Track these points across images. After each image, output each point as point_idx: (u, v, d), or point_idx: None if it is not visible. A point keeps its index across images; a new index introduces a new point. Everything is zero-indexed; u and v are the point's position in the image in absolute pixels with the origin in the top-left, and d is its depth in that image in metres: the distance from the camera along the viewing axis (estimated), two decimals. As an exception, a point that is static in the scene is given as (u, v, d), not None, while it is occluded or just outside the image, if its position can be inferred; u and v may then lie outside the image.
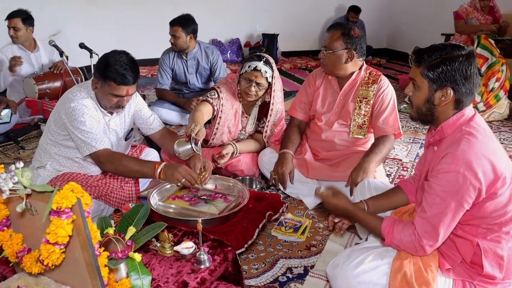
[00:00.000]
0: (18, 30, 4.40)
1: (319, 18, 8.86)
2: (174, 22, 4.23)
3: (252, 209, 2.33)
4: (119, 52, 2.43)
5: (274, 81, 2.95)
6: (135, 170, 2.45)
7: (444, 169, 1.65)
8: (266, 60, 2.91)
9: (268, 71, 2.88)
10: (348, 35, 2.65)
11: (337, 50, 2.67)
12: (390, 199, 2.17)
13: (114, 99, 2.42)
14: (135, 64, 2.42)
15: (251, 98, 2.95)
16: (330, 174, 2.79)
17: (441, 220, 1.66)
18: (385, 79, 2.83)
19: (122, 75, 2.34)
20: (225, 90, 3.02)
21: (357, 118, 2.82)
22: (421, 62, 1.74)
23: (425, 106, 1.78)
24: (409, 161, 3.60)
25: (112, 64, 2.35)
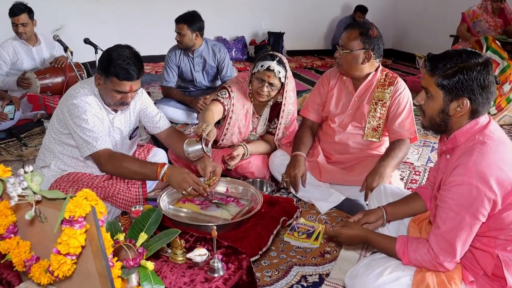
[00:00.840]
0: (26, 25, 4.33)
1: (325, 17, 8.79)
2: (180, 19, 4.14)
3: (265, 214, 2.25)
4: (122, 47, 2.33)
5: (287, 81, 2.86)
6: (137, 172, 2.35)
7: (457, 182, 1.57)
8: (280, 59, 2.82)
9: (281, 71, 2.79)
10: (366, 35, 2.57)
11: (354, 50, 2.59)
12: (408, 206, 2.09)
13: (117, 95, 2.33)
14: (138, 59, 2.32)
15: (263, 98, 2.87)
16: (344, 178, 2.71)
17: (457, 235, 1.59)
18: (401, 82, 2.75)
19: (125, 70, 2.25)
20: (236, 90, 2.93)
21: (372, 120, 2.74)
22: (435, 71, 1.65)
23: (439, 117, 1.69)
24: (421, 165, 3.52)
25: (115, 59, 2.26)
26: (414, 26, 8.54)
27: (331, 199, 2.71)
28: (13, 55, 4.40)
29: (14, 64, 4.43)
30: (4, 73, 4.40)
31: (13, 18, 4.29)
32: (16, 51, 4.42)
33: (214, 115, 2.76)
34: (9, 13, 4.28)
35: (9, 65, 4.42)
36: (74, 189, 2.35)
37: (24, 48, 4.46)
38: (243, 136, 3.04)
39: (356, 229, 1.94)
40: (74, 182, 2.42)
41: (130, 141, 2.70)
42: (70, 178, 2.47)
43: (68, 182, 2.42)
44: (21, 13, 4.27)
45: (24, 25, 4.31)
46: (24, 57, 4.46)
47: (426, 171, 3.38)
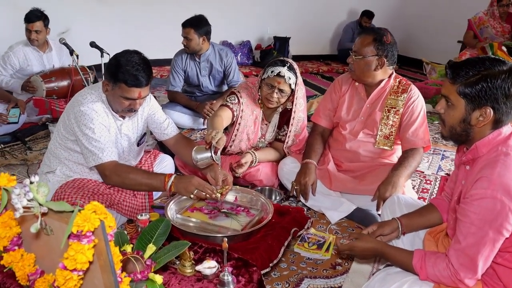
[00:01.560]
0: (39, 33, 4.29)
1: (331, 22, 8.74)
2: (186, 23, 4.08)
3: (276, 225, 2.18)
4: (130, 52, 2.28)
5: (297, 88, 2.80)
6: (144, 183, 2.31)
7: (479, 195, 1.50)
8: (290, 65, 2.75)
9: (292, 77, 2.73)
10: (380, 41, 2.51)
11: (367, 56, 2.53)
12: (424, 218, 2.02)
13: (125, 102, 2.28)
14: (147, 65, 2.27)
15: (273, 105, 2.80)
16: (355, 187, 2.64)
17: (479, 251, 1.52)
18: (415, 89, 2.69)
19: (133, 77, 2.20)
20: (246, 95, 2.87)
21: (384, 128, 2.67)
22: (456, 78, 1.58)
23: (460, 126, 1.63)
24: (432, 174, 3.44)
25: (123, 64, 2.20)
26: (421, 31, 8.48)
27: (341, 208, 2.64)
28: (23, 61, 4.35)
29: (23, 69, 4.38)
30: (8, 75, 4.35)
31: (27, 24, 4.25)
32: (27, 57, 4.37)
33: (223, 121, 2.70)
34: (25, 19, 4.24)
35: (17, 70, 4.37)
36: (79, 195, 2.29)
37: (35, 54, 4.42)
38: (252, 143, 2.98)
39: (370, 242, 1.87)
40: (79, 189, 2.37)
41: (137, 148, 2.65)
42: (76, 185, 2.41)
43: (73, 188, 2.37)
44: (36, 20, 4.23)
45: (38, 32, 4.27)
46: (34, 64, 4.41)
47: (437, 180, 3.31)
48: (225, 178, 2.37)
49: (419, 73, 7.75)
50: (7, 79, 4.33)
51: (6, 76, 4.34)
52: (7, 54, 4.34)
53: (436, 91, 5.71)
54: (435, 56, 7.52)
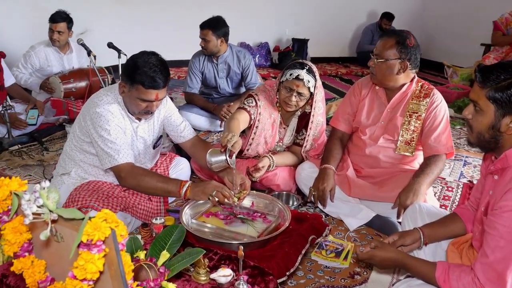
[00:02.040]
0: (62, 34, 4.35)
1: (350, 24, 8.65)
2: (204, 25, 4.04)
3: (293, 232, 2.12)
4: (148, 53, 2.25)
5: (316, 91, 2.74)
6: (159, 188, 2.28)
7: (510, 207, 1.43)
8: (309, 68, 2.69)
9: (311, 80, 2.66)
10: (403, 44, 2.43)
11: (390, 60, 2.45)
12: (447, 228, 1.95)
13: (142, 104, 2.25)
14: (165, 67, 2.23)
15: (291, 108, 2.75)
16: (375, 194, 2.56)
17: (508, 266, 1.44)
18: (438, 94, 2.61)
19: (151, 78, 2.16)
20: (263, 98, 2.82)
21: (405, 133, 2.60)
22: (486, 83, 1.51)
23: (488, 133, 1.55)
24: (454, 181, 3.35)
25: (141, 66, 2.17)
26: (442, 34, 8.33)
27: (360, 215, 2.57)
28: (44, 61, 4.42)
29: (43, 69, 4.44)
30: (27, 74, 4.41)
31: (51, 24, 4.31)
32: (48, 57, 4.44)
33: (240, 124, 2.65)
34: (50, 19, 4.30)
35: (37, 69, 4.43)
36: (94, 198, 2.27)
37: (56, 55, 4.48)
38: (269, 147, 2.92)
39: (391, 252, 1.80)
40: (94, 191, 2.34)
41: (153, 151, 2.62)
42: (90, 187, 2.39)
43: (88, 191, 2.34)
44: (60, 21, 4.30)
45: (60, 33, 4.33)
46: (54, 64, 4.47)
47: (459, 187, 3.22)
48: (242, 182, 2.32)
49: (440, 77, 7.61)
50: (26, 77, 4.39)
51: (25, 74, 4.41)
52: (28, 54, 4.41)
53: (457, 95, 5.60)
54: (456, 59, 7.38)
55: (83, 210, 2.24)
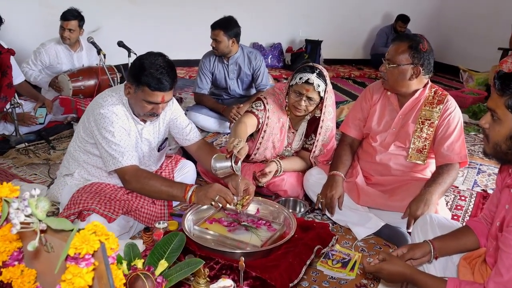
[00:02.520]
0: (73, 32, 4.34)
1: (364, 25, 8.53)
2: (216, 25, 3.99)
3: (298, 241, 2.05)
4: (155, 54, 2.20)
5: (326, 95, 2.67)
6: (164, 192, 2.23)
7: None
8: (320, 72, 2.61)
9: (321, 84, 2.59)
10: (416, 48, 2.35)
11: (402, 65, 2.37)
12: (459, 241, 1.87)
13: (148, 106, 2.20)
14: (172, 68, 2.18)
15: (300, 113, 2.68)
16: (384, 203, 2.48)
17: None
18: (452, 100, 2.52)
19: (157, 80, 2.11)
20: (272, 102, 2.76)
21: (417, 141, 2.51)
22: (506, 90, 1.43)
23: (505, 144, 1.48)
24: (467, 189, 3.25)
25: (147, 67, 2.12)
26: (458, 36, 8.19)
27: (369, 224, 2.49)
28: (54, 59, 4.41)
29: (52, 67, 4.43)
30: (37, 70, 4.40)
31: (62, 22, 4.30)
32: (58, 55, 4.43)
33: (248, 128, 2.59)
34: (61, 16, 4.29)
35: (46, 66, 4.42)
36: (96, 201, 2.23)
37: (66, 53, 4.47)
38: (277, 151, 2.86)
39: (399, 265, 1.73)
40: (96, 194, 2.30)
41: (158, 153, 2.57)
42: (93, 189, 2.35)
43: (90, 193, 2.30)
44: (72, 19, 4.29)
45: (71, 31, 4.32)
46: (64, 62, 4.46)
47: (473, 197, 3.12)
48: (246, 188, 2.26)
49: (455, 81, 7.49)
50: (35, 74, 4.39)
51: (35, 71, 4.40)
52: (38, 50, 4.40)
53: (473, 100, 5.49)
54: (472, 63, 7.25)
55: (84, 213, 2.20)
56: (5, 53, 3.76)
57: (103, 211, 2.20)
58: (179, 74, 6.98)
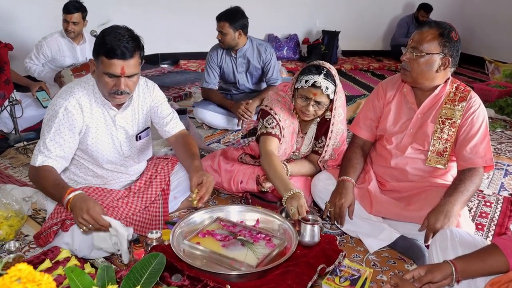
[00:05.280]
0: (77, 24, 4.19)
1: (384, 15, 8.19)
2: (221, 17, 3.78)
3: (300, 259, 1.83)
4: (118, 26, 2.02)
5: (336, 96, 2.43)
6: (47, 190, 2.03)
7: None
8: (327, 72, 2.37)
9: (330, 86, 2.35)
10: (448, 36, 2.09)
11: (431, 54, 2.11)
12: (484, 262, 1.62)
13: (109, 81, 1.99)
14: (133, 38, 1.99)
15: (309, 117, 2.46)
16: (400, 213, 2.23)
17: None
18: (476, 97, 2.25)
19: (115, 46, 1.92)
20: (280, 110, 2.51)
21: (437, 143, 2.26)
22: None
23: None
24: (492, 194, 2.96)
25: (106, 36, 1.95)
26: (484, 26, 7.78)
27: (382, 236, 2.25)
28: (56, 52, 4.27)
29: (55, 60, 4.30)
30: (40, 65, 4.29)
31: (65, 15, 4.15)
32: (61, 48, 4.29)
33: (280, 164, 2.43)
34: (63, 9, 4.15)
35: (49, 60, 4.30)
36: None
37: (69, 46, 4.33)
38: (287, 156, 2.64)
39: None
40: None
41: (138, 143, 2.36)
42: None
43: None
44: (75, 12, 4.13)
45: (75, 24, 4.18)
46: (67, 55, 4.32)
47: (499, 202, 2.84)
48: (200, 182, 2.06)
49: (480, 73, 7.10)
50: (39, 69, 4.26)
51: (39, 66, 4.28)
52: (40, 44, 4.27)
53: (499, 93, 5.16)
54: (499, 53, 6.89)
55: (67, 222, 2.04)
56: (2, 48, 3.61)
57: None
58: (191, 67, 6.81)
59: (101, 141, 2.20)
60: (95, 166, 2.27)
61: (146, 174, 2.47)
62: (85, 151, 2.21)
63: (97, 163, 2.26)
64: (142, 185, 2.42)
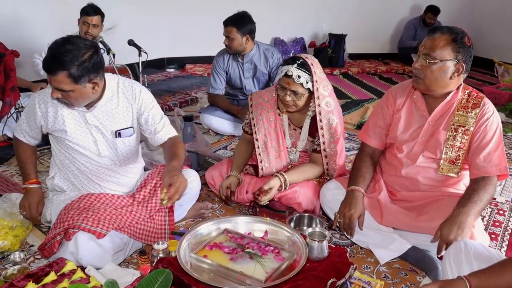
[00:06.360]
0: (96, 27, 4.20)
1: (391, 18, 8.14)
2: (228, 21, 3.76)
3: (310, 273, 1.78)
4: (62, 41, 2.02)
5: (316, 85, 2.44)
6: (19, 167, 2.49)
7: None
8: (302, 62, 2.41)
9: (302, 75, 2.38)
10: (461, 42, 2.04)
11: (444, 60, 2.06)
12: (501, 278, 1.56)
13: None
14: (59, 51, 1.97)
15: (291, 108, 2.52)
16: (411, 223, 2.17)
17: None
18: (489, 103, 2.20)
19: (44, 60, 2.00)
20: (257, 105, 2.68)
21: (449, 151, 2.20)
22: None
23: None
24: (506, 202, 2.90)
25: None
26: (493, 28, 7.70)
27: (393, 246, 2.20)
28: None
29: None
30: None
31: (85, 17, 4.17)
32: None
33: (243, 153, 2.74)
34: (83, 12, 4.18)
35: None
36: (81, 217, 2.06)
37: None
38: (285, 158, 2.63)
39: None
40: (84, 210, 2.14)
41: (119, 140, 2.31)
42: (81, 205, 2.19)
43: (78, 209, 2.15)
44: (95, 15, 4.17)
45: (95, 26, 4.19)
46: None
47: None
48: (170, 184, 2.04)
49: (489, 75, 7.03)
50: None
51: None
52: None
53: (509, 97, 5.09)
54: (508, 55, 6.83)
55: (69, 231, 2.02)
56: (8, 55, 3.60)
57: (90, 226, 2.03)
58: (196, 71, 6.79)
59: (76, 135, 2.23)
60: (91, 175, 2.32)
61: (151, 182, 2.42)
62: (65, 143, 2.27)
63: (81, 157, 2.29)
64: (146, 194, 2.38)
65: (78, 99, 2.08)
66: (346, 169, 2.74)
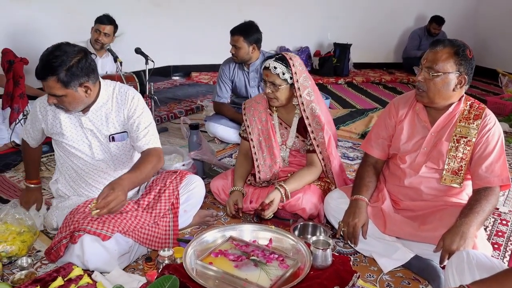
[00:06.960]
0: (108, 36, 4.32)
1: (396, 28, 8.18)
2: (235, 31, 3.80)
3: (313, 280, 1.80)
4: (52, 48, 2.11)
5: (296, 77, 2.55)
6: (24, 164, 2.72)
7: None
8: (281, 56, 2.57)
9: (278, 67, 2.52)
10: (463, 55, 2.08)
11: (448, 73, 2.10)
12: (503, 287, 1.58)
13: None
14: (52, 57, 2.05)
15: (273, 102, 2.64)
16: (414, 233, 2.19)
17: None
18: (491, 114, 2.23)
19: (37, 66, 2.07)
20: (249, 107, 2.81)
21: (451, 161, 2.23)
22: None
23: None
24: (509, 212, 2.92)
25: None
26: (497, 38, 7.73)
27: (396, 255, 2.22)
28: None
29: None
30: None
31: (98, 25, 4.28)
32: None
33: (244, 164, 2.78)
34: (96, 20, 4.29)
35: None
36: (87, 221, 2.09)
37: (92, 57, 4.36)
38: (278, 155, 2.70)
39: None
40: (87, 215, 2.14)
41: (113, 146, 2.35)
42: (87, 209, 2.20)
43: (83, 213, 2.18)
44: (108, 24, 4.28)
45: (107, 35, 4.30)
46: None
47: (517, 222, 2.80)
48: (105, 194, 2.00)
49: (493, 85, 7.05)
50: None
51: None
52: None
53: (513, 107, 5.12)
54: (512, 66, 6.84)
55: (75, 234, 2.06)
56: (18, 62, 3.65)
57: (95, 229, 2.06)
58: (202, 79, 6.83)
59: (72, 138, 2.30)
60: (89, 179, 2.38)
61: (155, 188, 2.45)
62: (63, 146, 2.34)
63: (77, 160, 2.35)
64: (151, 200, 2.40)
65: (71, 103, 2.15)
66: (348, 177, 2.79)
